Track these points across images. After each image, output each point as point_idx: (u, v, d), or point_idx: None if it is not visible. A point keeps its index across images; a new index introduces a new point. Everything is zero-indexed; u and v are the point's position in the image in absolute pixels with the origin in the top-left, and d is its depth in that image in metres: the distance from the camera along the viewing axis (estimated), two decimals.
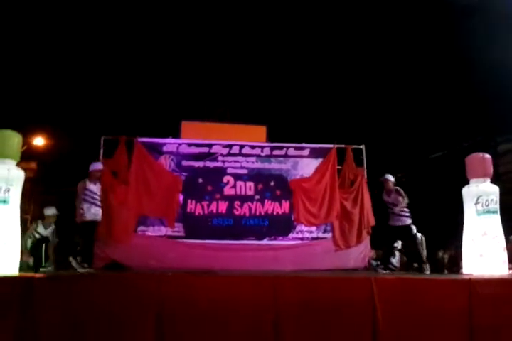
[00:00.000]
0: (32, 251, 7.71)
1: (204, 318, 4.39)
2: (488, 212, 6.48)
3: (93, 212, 7.04)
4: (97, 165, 7.41)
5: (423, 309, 4.65)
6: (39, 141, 18.61)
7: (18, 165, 5.65)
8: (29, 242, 7.82)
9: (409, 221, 7.52)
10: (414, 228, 7.59)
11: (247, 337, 4.45)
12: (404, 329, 4.57)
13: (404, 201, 7.45)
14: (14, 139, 5.62)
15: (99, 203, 7.14)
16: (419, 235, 8.72)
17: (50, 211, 8.02)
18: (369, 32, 14.57)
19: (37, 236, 7.85)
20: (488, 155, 6.88)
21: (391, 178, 7.82)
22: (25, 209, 6.82)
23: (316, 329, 4.49)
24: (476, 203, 6.56)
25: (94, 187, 7.16)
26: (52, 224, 7.97)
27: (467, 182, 6.83)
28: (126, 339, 4.29)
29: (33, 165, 17.41)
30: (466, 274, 6.17)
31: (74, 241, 8.19)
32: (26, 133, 6.69)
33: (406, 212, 7.55)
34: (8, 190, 5.33)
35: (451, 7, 12.36)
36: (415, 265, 8.20)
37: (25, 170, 5.75)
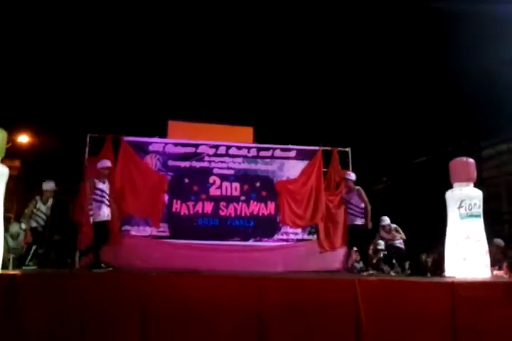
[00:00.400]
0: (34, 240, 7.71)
1: (188, 317, 4.40)
2: (472, 216, 6.55)
3: (105, 211, 7.07)
4: (106, 163, 7.36)
5: (406, 311, 4.69)
6: (23, 139, 18.43)
7: (2, 162, 5.59)
8: (33, 224, 7.76)
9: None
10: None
11: (232, 337, 4.45)
12: (387, 331, 4.61)
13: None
14: None
15: (108, 202, 7.11)
16: None
17: (49, 185, 7.95)
18: (355, 35, 14.64)
19: (41, 215, 7.80)
20: (471, 160, 6.97)
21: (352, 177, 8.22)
22: (8, 207, 6.74)
23: (301, 330, 4.51)
24: (460, 207, 6.63)
25: (104, 186, 7.12)
26: (50, 198, 7.92)
27: (451, 187, 6.90)
28: (111, 336, 4.27)
29: (16, 163, 17.19)
30: (449, 277, 6.22)
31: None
32: (11, 130, 6.61)
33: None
34: None
35: (436, 13, 12.48)
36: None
37: (9, 168, 5.68)
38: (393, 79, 15.14)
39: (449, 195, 6.82)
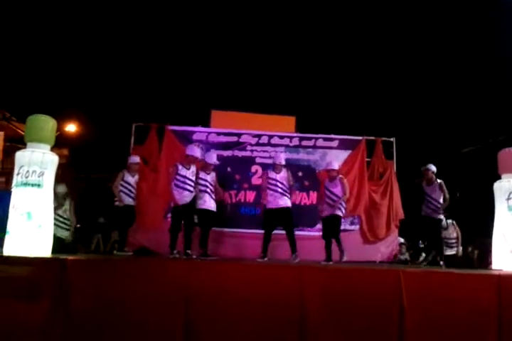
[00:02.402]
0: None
1: (230, 304, 4.45)
2: None
3: (127, 201, 7.43)
4: (135, 159, 7.61)
5: (451, 303, 4.60)
6: (71, 128, 18.93)
7: (51, 150, 5.77)
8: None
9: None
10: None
11: (273, 326, 4.48)
12: (430, 323, 4.54)
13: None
14: (49, 124, 5.72)
15: (132, 195, 7.35)
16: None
17: (61, 188, 8.09)
18: (401, 21, 14.33)
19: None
20: None
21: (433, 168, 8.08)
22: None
23: (343, 319, 4.51)
24: (508, 199, 6.43)
25: (132, 180, 7.36)
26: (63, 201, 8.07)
27: (499, 178, 6.71)
28: (156, 321, 4.36)
29: (65, 151, 17.68)
30: (496, 270, 6.08)
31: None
32: (59, 119, 6.78)
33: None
34: (42, 174, 5.44)
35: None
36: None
37: (58, 156, 5.86)
38: (440, 66, 14.78)
39: (497, 187, 6.62)
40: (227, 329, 4.40)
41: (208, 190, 7.37)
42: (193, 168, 7.28)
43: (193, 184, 7.19)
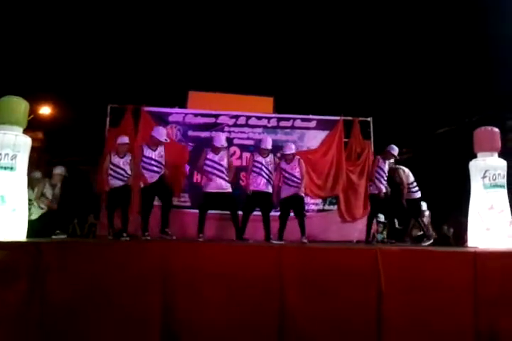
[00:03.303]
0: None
1: (210, 285, 4.46)
2: (496, 186, 6.44)
3: (116, 184, 7.13)
4: (124, 139, 7.37)
5: (428, 280, 4.68)
6: (46, 111, 18.59)
7: (25, 133, 5.64)
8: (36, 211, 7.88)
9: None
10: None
11: (253, 305, 4.50)
12: (408, 300, 4.61)
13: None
14: (21, 106, 5.59)
15: (121, 177, 7.12)
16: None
17: (59, 169, 8.05)
18: (379, 1, 14.30)
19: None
20: (496, 129, 6.80)
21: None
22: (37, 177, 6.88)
23: (322, 297, 4.55)
24: (483, 177, 6.52)
25: (121, 161, 7.14)
26: (58, 183, 8.01)
27: (475, 157, 6.78)
28: (134, 303, 4.35)
29: (39, 135, 17.39)
30: (472, 247, 6.18)
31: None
32: (32, 102, 6.62)
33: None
34: (15, 157, 5.33)
35: None
36: None
37: (32, 139, 5.73)
38: (416, 47, 14.81)
39: (473, 165, 6.71)
40: (205, 310, 4.41)
41: (216, 171, 7.30)
42: (160, 149, 7.16)
43: (160, 165, 7.08)
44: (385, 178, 8.03)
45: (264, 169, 7.42)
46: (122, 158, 7.17)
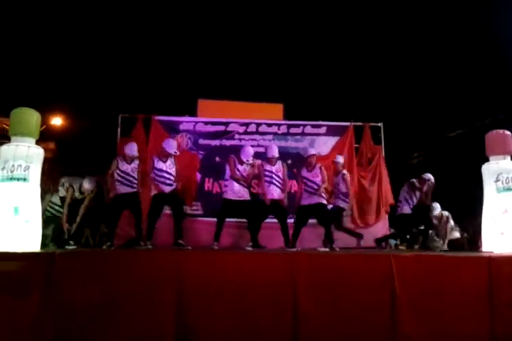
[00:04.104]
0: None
1: (224, 293, 4.44)
2: (509, 189, 6.35)
3: (123, 190, 7.07)
4: (133, 152, 7.30)
5: (442, 286, 4.65)
6: (57, 121, 18.75)
7: (37, 144, 5.68)
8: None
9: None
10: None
11: (266, 313, 4.48)
12: (422, 306, 4.58)
13: None
14: (33, 117, 5.63)
15: (130, 183, 7.09)
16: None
17: (88, 184, 7.96)
18: (390, 7, 14.28)
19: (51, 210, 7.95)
20: (508, 132, 6.73)
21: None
22: (45, 189, 6.86)
23: (335, 303, 4.52)
24: (496, 180, 6.45)
25: (129, 167, 7.11)
26: (86, 201, 7.95)
27: (487, 160, 6.72)
28: (148, 313, 4.35)
29: (51, 145, 17.53)
30: (486, 252, 6.11)
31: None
32: (44, 113, 6.65)
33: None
34: (28, 168, 5.36)
35: None
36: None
37: (44, 150, 5.77)
38: (426, 51, 14.77)
39: (486, 169, 6.64)
40: (219, 318, 4.40)
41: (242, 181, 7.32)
42: (171, 161, 7.16)
43: (171, 177, 7.07)
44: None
45: (275, 177, 7.41)
46: (130, 165, 7.15)
